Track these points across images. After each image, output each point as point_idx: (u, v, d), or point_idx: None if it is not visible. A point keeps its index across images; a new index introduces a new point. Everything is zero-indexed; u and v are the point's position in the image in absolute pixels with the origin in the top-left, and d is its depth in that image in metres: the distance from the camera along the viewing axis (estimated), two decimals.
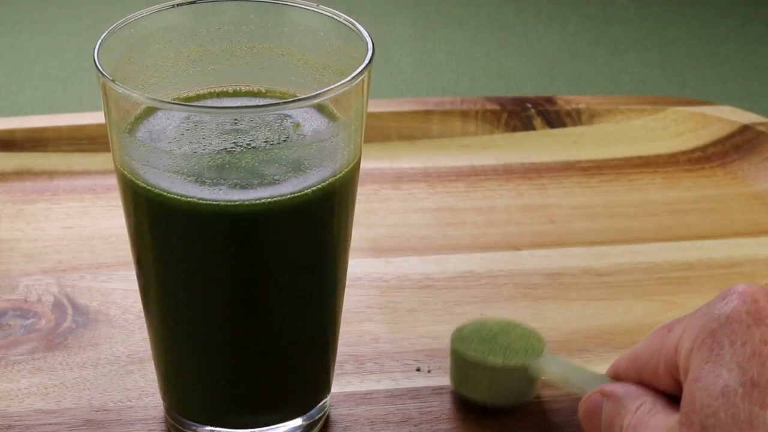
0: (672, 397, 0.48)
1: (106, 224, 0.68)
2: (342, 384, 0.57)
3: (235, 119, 0.47)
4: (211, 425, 0.53)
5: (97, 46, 0.48)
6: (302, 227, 0.48)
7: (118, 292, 0.63)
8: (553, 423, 0.55)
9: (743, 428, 0.42)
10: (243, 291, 0.49)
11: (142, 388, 0.57)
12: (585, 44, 1.09)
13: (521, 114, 0.77)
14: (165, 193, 0.47)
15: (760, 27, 1.13)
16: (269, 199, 0.47)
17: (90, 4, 1.13)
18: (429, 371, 0.58)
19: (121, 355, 0.59)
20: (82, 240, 0.67)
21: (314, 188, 0.47)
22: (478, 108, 0.77)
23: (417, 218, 0.70)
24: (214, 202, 0.46)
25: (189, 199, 0.46)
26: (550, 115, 0.78)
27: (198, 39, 0.52)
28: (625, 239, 0.68)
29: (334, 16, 0.50)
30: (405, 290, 0.64)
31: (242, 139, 0.47)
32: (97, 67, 0.47)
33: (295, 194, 0.47)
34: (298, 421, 0.54)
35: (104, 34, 0.49)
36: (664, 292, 0.64)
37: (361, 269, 0.65)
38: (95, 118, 0.74)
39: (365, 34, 0.49)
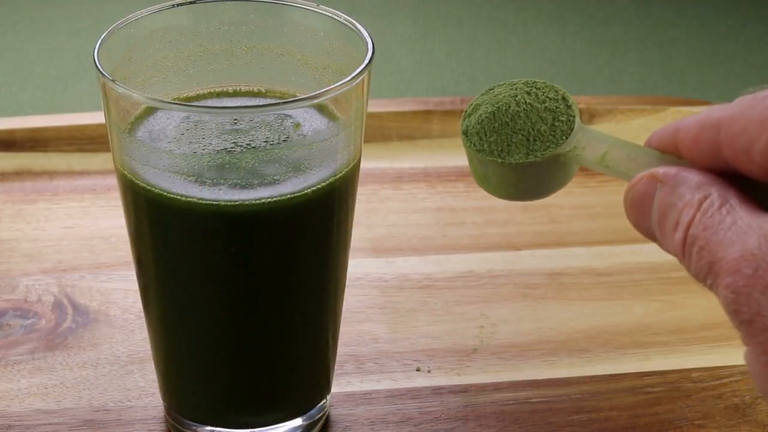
0: (747, 188, 0.38)
1: (106, 224, 0.68)
2: (342, 384, 0.57)
3: (235, 119, 0.47)
4: (211, 425, 0.53)
5: (97, 46, 0.48)
6: (302, 227, 0.48)
7: (118, 292, 0.63)
8: (553, 423, 0.55)
9: None
10: (243, 291, 0.49)
11: (142, 388, 0.57)
12: (585, 44, 1.09)
13: None
14: (165, 193, 0.47)
15: (760, 27, 1.13)
16: (269, 199, 0.47)
17: (90, 4, 1.13)
18: (429, 371, 0.58)
19: (121, 355, 0.59)
20: (82, 240, 0.67)
21: (314, 188, 0.47)
22: None
23: (417, 218, 0.70)
24: (214, 202, 0.46)
25: (189, 199, 0.46)
26: None
27: (198, 39, 0.52)
28: (625, 239, 0.68)
29: (334, 16, 0.50)
30: (405, 290, 0.64)
31: (242, 139, 0.47)
32: (97, 67, 0.47)
33: (295, 194, 0.47)
34: (298, 421, 0.54)
35: (104, 34, 0.49)
36: (664, 292, 0.64)
37: (361, 269, 0.65)
38: (95, 118, 0.74)
39: (365, 34, 0.49)
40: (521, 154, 0.43)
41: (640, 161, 0.42)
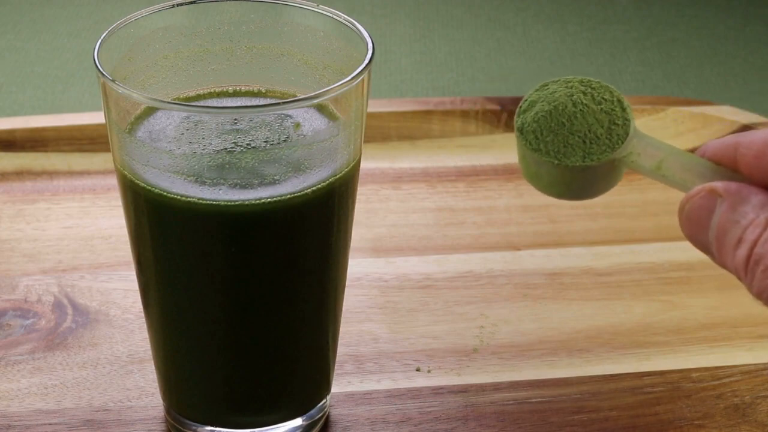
0: None
1: (106, 224, 0.68)
2: (342, 384, 0.57)
3: (235, 119, 0.47)
4: (211, 425, 0.53)
5: (97, 46, 0.48)
6: (302, 227, 0.48)
7: (118, 292, 0.63)
8: (553, 423, 0.55)
9: None
10: (243, 291, 0.49)
11: (142, 388, 0.57)
12: (585, 44, 1.09)
13: None
14: (165, 193, 0.47)
15: (760, 27, 1.13)
16: (269, 199, 0.47)
17: (90, 4, 1.13)
18: (429, 371, 0.58)
19: (121, 355, 0.59)
20: (82, 240, 0.67)
21: (314, 188, 0.47)
22: (478, 108, 0.77)
23: (417, 218, 0.70)
24: (214, 202, 0.46)
25: (189, 199, 0.46)
26: None
27: (198, 39, 0.52)
28: (625, 239, 0.68)
29: (334, 16, 0.50)
30: (405, 290, 0.64)
31: (242, 139, 0.47)
32: (97, 67, 0.47)
33: (295, 194, 0.47)
34: (298, 421, 0.54)
35: (104, 34, 0.49)
36: (664, 292, 0.64)
37: (361, 269, 0.65)
38: (95, 118, 0.74)
39: (365, 34, 0.49)
40: (578, 157, 0.43)
41: (695, 172, 0.42)
